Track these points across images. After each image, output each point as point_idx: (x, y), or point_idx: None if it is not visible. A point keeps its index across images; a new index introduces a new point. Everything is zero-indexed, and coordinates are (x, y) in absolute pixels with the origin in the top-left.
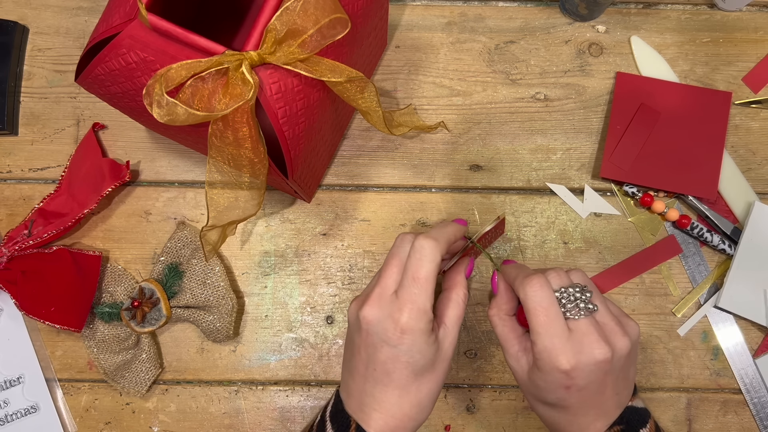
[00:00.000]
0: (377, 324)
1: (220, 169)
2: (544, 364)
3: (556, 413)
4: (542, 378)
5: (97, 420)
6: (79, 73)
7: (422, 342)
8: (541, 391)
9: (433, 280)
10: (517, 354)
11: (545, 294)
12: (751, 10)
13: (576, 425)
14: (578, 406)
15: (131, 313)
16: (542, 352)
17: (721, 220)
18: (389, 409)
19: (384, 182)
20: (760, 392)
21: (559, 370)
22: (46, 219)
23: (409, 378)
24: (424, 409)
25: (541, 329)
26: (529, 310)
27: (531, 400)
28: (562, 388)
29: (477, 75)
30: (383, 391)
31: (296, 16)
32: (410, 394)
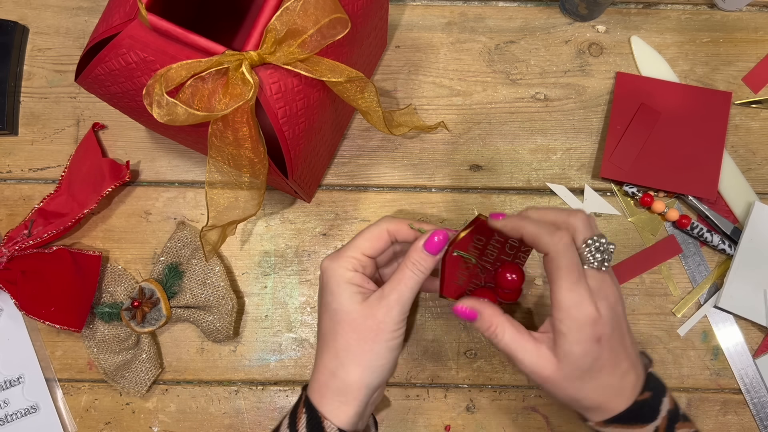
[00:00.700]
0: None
1: (220, 169)
2: (572, 321)
3: (595, 381)
4: (573, 340)
5: (97, 420)
6: (79, 73)
7: (334, 283)
8: (575, 360)
9: (367, 237)
10: (536, 346)
11: (574, 252)
12: (751, 10)
13: (617, 388)
14: (611, 360)
15: (131, 313)
16: (572, 308)
17: (721, 220)
18: (316, 362)
19: (384, 182)
20: (760, 392)
21: (589, 320)
22: (46, 219)
23: (327, 324)
24: (344, 364)
25: (573, 286)
26: (562, 268)
27: (566, 385)
28: (594, 342)
29: (477, 75)
30: (318, 342)
31: (296, 16)
32: (328, 343)
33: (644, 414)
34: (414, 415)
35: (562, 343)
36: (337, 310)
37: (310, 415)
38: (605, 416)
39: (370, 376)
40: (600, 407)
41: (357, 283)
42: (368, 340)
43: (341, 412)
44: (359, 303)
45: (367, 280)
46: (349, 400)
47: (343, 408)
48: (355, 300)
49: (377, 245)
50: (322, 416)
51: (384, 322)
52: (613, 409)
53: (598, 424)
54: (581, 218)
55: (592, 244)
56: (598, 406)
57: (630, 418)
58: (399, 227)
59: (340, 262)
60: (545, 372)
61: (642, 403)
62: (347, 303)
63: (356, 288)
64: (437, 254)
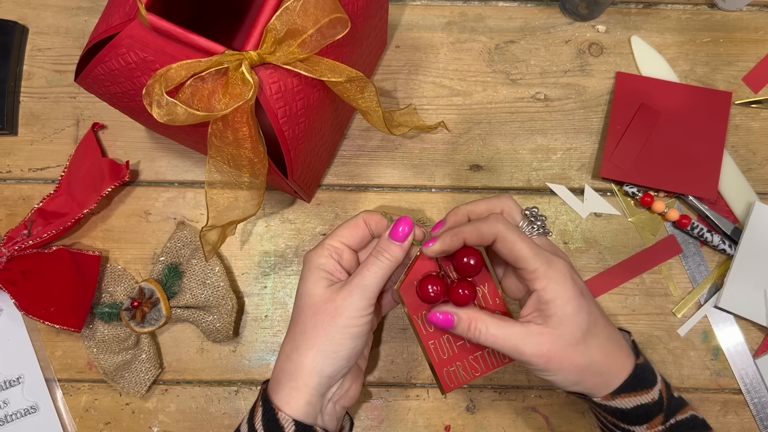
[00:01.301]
0: None
1: (220, 169)
2: (552, 283)
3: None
4: (561, 302)
5: (97, 420)
6: (78, 73)
7: (307, 269)
8: (571, 322)
9: (345, 227)
10: (526, 327)
11: (514, 226)
12: (752, 10)
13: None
14: (598, 311)
15: (131, 313)
16: (547, 270)
17: (721, 220)
18: (284, 344)
19: (384, 182)
20: (760, 392)
21: (566, 275)
22: (45, 219)
23: (294, 311)
24: (298, 347)
25: (536, 251)
26: (513, 242)
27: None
28: (580, 296)
29: (477, 75)
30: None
31: (296, 16)
32: (290, 328)
33: (647, 378)
34: (414, 415)
35: (553, 310)
36: (302, 294)
37: (265, 407)
38: (612, 386)
39: (323, 361)
40: (607, 371)
41: (327, 270)
42: (324, 323)
43: (292, 399)
44: (323, 288)
45: (339, 269)
46: (300, 386)
47: (294, 395)
48: (320, 284)
49: (354, 232)
50: (276, 408)
51: (342, 306)
52: (619, 373)
53: (605, 398)
54: (509, 200)
55: (528, 215)
56: (607, 371)
57: (635, 384)
58: (374, 217)
59: (317, 250)
60: (544, 348)
61: (642, 367)
62: (311, 287)
63: (325, 273)
64: (403, 242)
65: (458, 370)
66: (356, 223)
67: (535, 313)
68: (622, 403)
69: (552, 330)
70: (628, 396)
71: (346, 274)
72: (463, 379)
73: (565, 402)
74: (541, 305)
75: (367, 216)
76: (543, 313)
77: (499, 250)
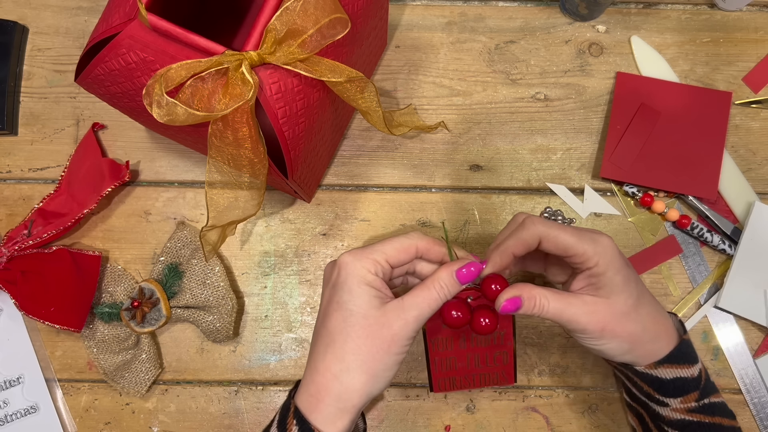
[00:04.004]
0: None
1: (220, 169)
2: (602, 258)
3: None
4: (612, 273)
5: (97, 420)
6: (78, 73)
7: (354, 283)
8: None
9: (396, 246)
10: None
11: (549, 222)
12: (751, 10)
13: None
14: (642, 284)
15: (131, 313)
16: (596, 248)
17: (721, 220)
18: (315, 362)
19: (384, 182)
20: (760, 392)
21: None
22: (45, 219)
23: (338, 324)
24: (350, 369)
25: (580, 235)
26: (556, 235)
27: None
28: (627, 267)
29: (477, 75)
30: (317, 342)
31: (296, 16)
32: (336, 343)
33: (690, 353)
34: (414, 415)
35: (605, 282)
36: (352, 312)
37: (302, 427)
38: (658, 357)
39: (374, 385)
40: (655, 339)
41: (377, 287)
42: (381, 349)
43: (338, 419)
44: (377, 308)
45: (386, 286)
46: (348, 408)
47: (339, 416)
48: (374, 305)
49: (402, 257)
50: (315, 429)
51: (399, 335)
52: (666, 346)
53: (648, 367)
54: (520, 214)
55: (548, 215)
56: (657, 338)
57: (679, 357)
58: (429, 247)
59: (363, 262)
60: (599, 317)
61: (687, 343)
62: (365, 306)
63: (376, 292)
64: (466, 284)
65: (452, 381)
66: (408, 248)
67: (588, 287)
68: (663, 373)
69: (605, 300)
70: (671, 367)
71: (391, 293)
72: (453, 387)
73: (565, 402)
74: (593, 278)
75: (422, 245)
76: (595, 285)
77: (546, 248)
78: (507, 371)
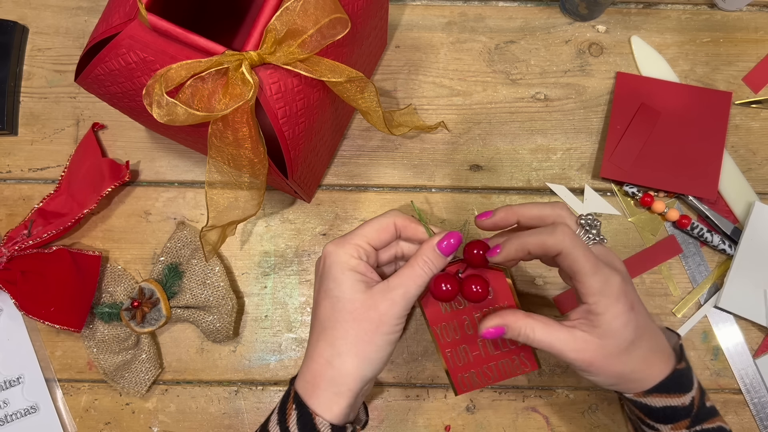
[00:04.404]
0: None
1: (220, 169)
2: (606, 299)
3: (640, 350)
4: (612, 316)
5: (97, 420)
6: (79, 73)
7: (338, 270)
8: (618, 335)
9: (374, 227)
10: (571, 333)
11: (580, 239)
12: (751, 10)
13: (659, 351)
14: (645, 323)
15: (131, 313)
16: (602, 287)
17: (721, 220)
18: (310, 350)
19: (384, 182)
20: (760, 392)
21: (620, 291)
22: (45, 219)
23: (327, 312)
24: (341, 353)
25: (596, 268)
26: (576, 258)
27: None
28: (630, 311)
29: (477, 75)
30: (312, 332)
31: (296, 16)
32: (326, 330)
33: (683, 383)
34: (414, 415)
35: (602, 322)
36: (339, 298)
37: (300, 411)
38: (647, 386)
39: (367, 367)
40: (644, 377)
41: (361, 272)
42: (368, 331)
43: (333, 404)
44: (362, 292)
45: (370, 269)
46: (343, 392)
47: (335, 400)
48: (358, 288)
49: (383, 236)
50: (313, 413)
51: (386, 315)
52: (655, 376)
53: (637, 395)
54: (564, 207)
55: (584, 223)
56: (644, 377)
57: (669, 386)
58: (407, 223)
59: (346, 248)
60: (586, 355)
61: (680, 372)
62: (350, 291)
63: (360, 276)
64: (449, 256)
65: (472, 376)
66: (386, 227)
67: (583, 320)
68: (651, 401)
69: (597, 339)
70: (660, 396)
71: (377, 276)
72: (476, 384)
73: (565, 402)
74: (590, 316)
75: (399, 221)
76: (591, 323)
77: (560, 262)
78: (526, 354)
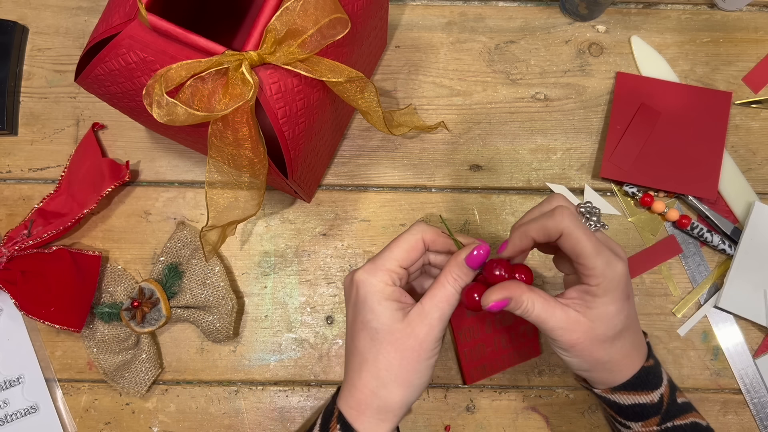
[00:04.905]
0: (347, 287)
1: (220, 169)
2: (608, 282)
3: (621, 342)
4: (609, 300)
5: (97, 420)
6: (78, 73)
7: (374, 300)
8: (610, 320)
9: (404, 247)
10: (565, 311)
11: (579, 220)
12: (751, 10)
13: (637, 348)
14: (634, 317)
15: (131, 313)
16: (605, 269)
17: (721, 220)
18: (352, 378)
19: (384, 182)
20: (760, 392)
21: (622, 277)
22: (45, 219)
23: (366, 343)
24: (386, 384)
25: (599, 249)
26: (578, 238)
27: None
28: (626, 300)
29: (477, 75)
30: (350, 359)
31: (296, 16)
32: (368, 362)
33: (650, 380)
34: (414, 415)
35: (597, 305)
36: (377, 330)
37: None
38: (616, 382)
39: (411, 394)
40: (617, 370)
41: (396, 299)
42: (411, 359)
43: (380, 429)
44: (400, 321)
45: (404, 293)
46: (389, 418)
47: (381, 425)
48: (397, 318)
49: (413, 255)
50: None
51: (426, 341)
52: (625, 373)
53: (605, 391)
54: (559, 198)
55: (584, 211)
56: (617, 370)
57: (636, 384)
58: (435, 237)
59: (379, 276)
60: (574, 335)
61: (648, 370)
62: (389, 322)
63: (396, 304)
64: (478, 268)
65: (483, 368)
66: (415, 245)
67: (579, 300)
68: (620, 399)
69: (588, 321)
70: (627, 393)
71: (410, 298)
72: (485, 374)
73: (565, 402)
74: (587, 297)
75: (427, 237)
76: (586, 303)
77: (563, 245)
78: (532, 344)
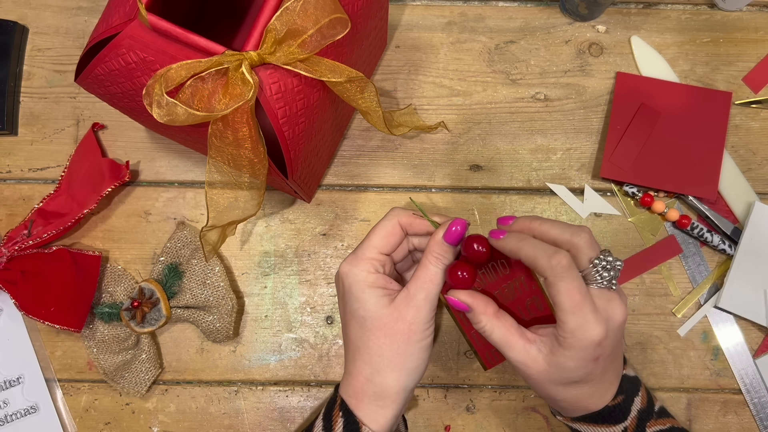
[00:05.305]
0: (336, 282)
1: (220, 169)
2: (576, 341)
3: (578, 390)
4: (571, 356)
5: (97, 420)
6: (78, 73)
7: (359, 289)
8: (566, 372)
9: (381, 234)
10: (525, 346)
11: (575, 274)
12: (751, 10)
13: (596, 396)
14: (600, 374)
15: (131, 313)
16: (576, 330)
17: (721, 220)
18: (348, 368)
19: (384, 182)
20: (760, 392)
21: (593, 343)
22: (45, 219)
23: (356, 332)
24: (380, 370)
25: (576, 309)
26: (562, 291)
27: (547, 386)
28: (592, 361)
29: (477, 75)
30: (346, 350)
31: (296, 16)
32: (360, 350)
33: (614, 416)
34: (414, 415)
35: (559, 355)
36: (365, 317)
37: (347, 419)
38: (576, 414)
39: (407, 378)
40: (573, 408)
41: (381, 286)
42: (401, 343)
43: (380, 416)
44: (386, 306)
45: (389, 280)
46: (387, 404)
47: (381, 412)
48: (382, 304)
49: (392, 240)
50: (360, 422)
51: (415, 323)
52: (583, 410)
53: (566, 419)
54: (585, 237)
55: (599, 263)
56: (574, 409)
57: (598, 419)
58: (411, 220)
59: (361, 266)
60: (528, 371)
61: (612, 407)
62: (375, 308)
63: (381, 291)
64: (457, 244)
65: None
66: (393, 230)
67: (547, 340)
68: (580, 427)
69: (545, 364)
70: (587, 425)
71: (396, 283)
72: (503, 357)
73: None
74: (554, 342)
75: (403, 220)
76: (551, 347)
77: (546, 287)
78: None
